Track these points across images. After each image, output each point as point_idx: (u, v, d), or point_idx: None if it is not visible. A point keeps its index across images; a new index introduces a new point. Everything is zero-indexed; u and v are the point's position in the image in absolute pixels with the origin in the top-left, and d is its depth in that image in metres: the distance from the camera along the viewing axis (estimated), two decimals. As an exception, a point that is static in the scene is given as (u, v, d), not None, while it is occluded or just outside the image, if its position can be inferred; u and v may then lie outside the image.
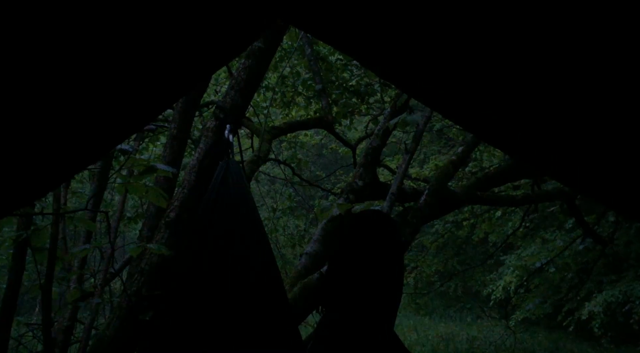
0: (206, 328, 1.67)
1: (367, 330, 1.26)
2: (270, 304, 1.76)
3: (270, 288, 1.80)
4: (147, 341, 1.85)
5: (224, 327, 1.67)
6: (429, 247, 9.47)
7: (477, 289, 14.03)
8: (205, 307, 1.71)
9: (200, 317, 1.69)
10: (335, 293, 1.31)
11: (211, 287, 1.75)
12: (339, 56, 6.31)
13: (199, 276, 1.78)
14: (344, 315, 1.28)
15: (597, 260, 6.87)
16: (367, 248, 1.30)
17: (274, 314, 1.75)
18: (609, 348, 10.30)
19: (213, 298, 1.72)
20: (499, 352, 9.82)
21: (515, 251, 11.18)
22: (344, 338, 1.26)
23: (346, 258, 1.31)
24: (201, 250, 1.84)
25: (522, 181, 6.22)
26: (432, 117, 3.43)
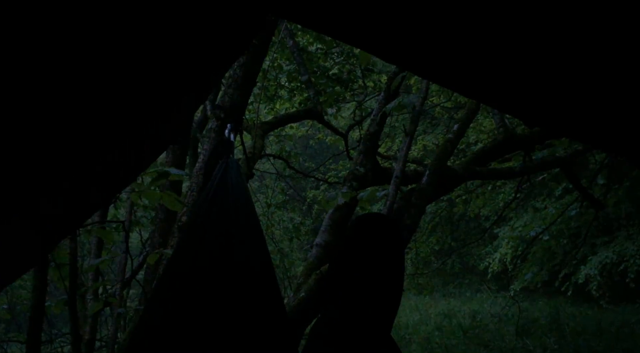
0: (199, 329, 1.66)
1: (365, 330, 1.28)
2: (266, 305, 1.76)
3: (267, 289, 1.80)
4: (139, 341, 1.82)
5: (218, 327, 1.66)
6: (426, 227, 9.55)
7: (474, 263, 14.21)
8: (200, 307, 1.69)
9: (193, 317, 1.68)
10: (336, 293, 1.33)
11: (206, 287, 1.73)
12: (319, 46, 6.30)
13: (193, 275, 1.77)
14: (343, 314, 1.29)
15: (591, 223, 6.98)
16: (368, 250, 1.32)
17: (268, 315, 1.75)
18: (608, 308, 10.52)
19: (207, 297, 1.71)
20: (502, 322, 9.98)
21: (508, 223, 11.33)
22: (341, 337, 1.27)
23: (348, 260, 1.33)
24: (197, 249, 1.83)
25: (511, 154, 6.30)
26: (427, 98, 3.46)
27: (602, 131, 1.37)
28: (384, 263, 1.32)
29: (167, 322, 1.70)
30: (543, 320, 9.82)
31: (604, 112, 1.25)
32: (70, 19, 0.84)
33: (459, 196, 7.97)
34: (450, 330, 10.14)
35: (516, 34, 1.00)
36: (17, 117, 0.87)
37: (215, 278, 1.76)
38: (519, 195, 9.30)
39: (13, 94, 0.84)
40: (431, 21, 0.98)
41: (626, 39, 0.98)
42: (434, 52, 1.10)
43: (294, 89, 6.61)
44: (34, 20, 0.79)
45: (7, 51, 0.79)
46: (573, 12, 0.92)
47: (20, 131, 0.89)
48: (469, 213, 9.50)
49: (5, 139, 0.87)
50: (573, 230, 9.99)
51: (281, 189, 8.40)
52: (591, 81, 1.13)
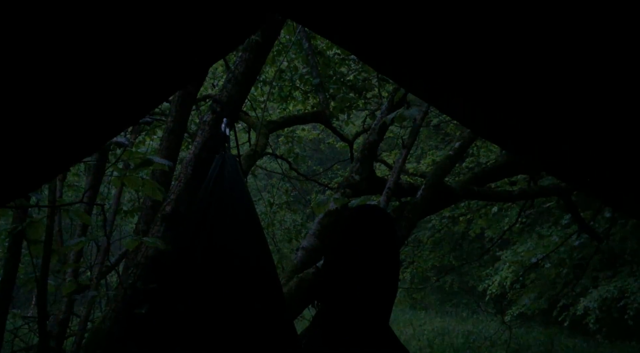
0: (199, 327, 1.64)
1: (363, 323, 1.26)
2: (266, 302, 1.74)
3: (266, 285, 1.78)
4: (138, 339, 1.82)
5: (218, 325, 1.65)
6: (426, 242, 9.49)
7: (473, 284, 14.08)
8: (199, 304, 1.68)
9: (193, 314, 1.66)
10: (332, 287, 1.31)
11: (205, 284, 1.72)
12: (337, 51, 6.29)
13: (192, 272, 1.76)
14: (340, 309, 1.28)
15: (592, 256, 6.89)
16: (363, 242, 1.30)
17: (269, 312, 1.72)
18: (604, 343, 10.37)
19: (207, 295, 1.69)
20: (495, 346, 9.87)
21: (511, 247, 11.22)
22: (340, 332, 1.26)
23: (343, 253, 1.31)
24: (195, 245, 1.82)
25: (518, 177, 6.24)
26: (429, 112, 3.43)
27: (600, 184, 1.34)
28: (379, 255, 1.31)
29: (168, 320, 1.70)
30: (536, 348, 9.71)
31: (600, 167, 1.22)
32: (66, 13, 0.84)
33: (462, 214, 7.90)
34: (442, 349, 10.07)
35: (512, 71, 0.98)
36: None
37: (215, 275, 1.75)
38: (524, 220, 9.21)
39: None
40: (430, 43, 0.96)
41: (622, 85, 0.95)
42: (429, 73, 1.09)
43: (307, 91, 6.61)
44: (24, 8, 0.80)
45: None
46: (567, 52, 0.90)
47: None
48: (470, 232, 9.41)
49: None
50: (576, 260, 9.86)
51: (285, 190, 8.40)
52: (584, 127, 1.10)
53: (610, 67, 0.91)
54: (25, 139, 1.02)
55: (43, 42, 0.86)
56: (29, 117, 0.98)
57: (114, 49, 0.95)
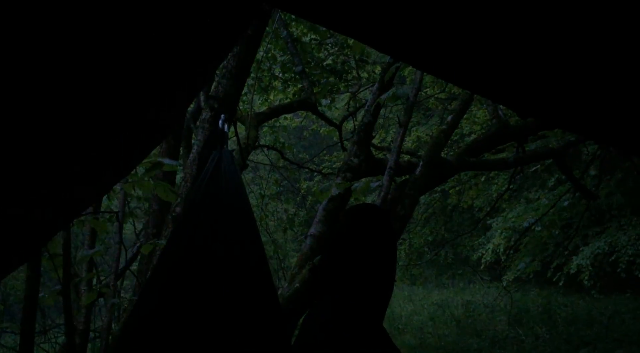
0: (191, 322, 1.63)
1: (357, 320, 1.28)
2: (259, 301, 1.74)
3: (259, 281, 1.78)
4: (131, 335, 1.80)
5: (209, 321, 1.64)
6: (420, 218, 9.59)
7: (467, 254, 14.29)
8: (191, 300, 1.67)
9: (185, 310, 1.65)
10: (328, 283, 1.33)
11: (198, 279, 1.70)
12: (313, 36, 6.28)
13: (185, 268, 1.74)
14: (335, 305, 1.30)
15: (583, 214, 7.03)
16: (360, 240, 1.32)
17: (262, 312, 1.72)
18: (599, 298, 10.63)
19: (199, 290, 1.68)
20: (494, 312, 10.07)
21: (501, 214, 11.38)
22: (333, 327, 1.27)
23: (340, 251, 1.33)
24: (189, 241, 1.80)
25: (504, 145, 6.33)
26: (421, 89, 3.46)
27: (595, 122, 1.38)
28: (376, 253, 1.33)
29: (159, 316, 1.68)
30: (535, 310, 9.92)
31: (597, 103, 1.26)
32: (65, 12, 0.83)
33: (452, 187, 8.00)
34: (443, 320, 10.23)
35: (510, 25, 1.00)
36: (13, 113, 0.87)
37: (208, 271, 1.73)
38: (512, 186, 9.34)
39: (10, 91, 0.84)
40: (425, 11, 0.97)
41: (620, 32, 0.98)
42: (427, 42, 1.10)
43: (287, 80, 6.59)
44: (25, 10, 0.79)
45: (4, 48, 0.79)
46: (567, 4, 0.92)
47: (17, 125, 0.88)
48: (462, 204, 9.54)
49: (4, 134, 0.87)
50: (565, 220, 10.06)
51: (275, 181, 8.40)
52: (585, 72, 1.13)
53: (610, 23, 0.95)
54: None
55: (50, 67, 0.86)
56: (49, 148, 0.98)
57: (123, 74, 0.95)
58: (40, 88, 0.88)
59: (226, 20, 1.10)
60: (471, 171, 6.97)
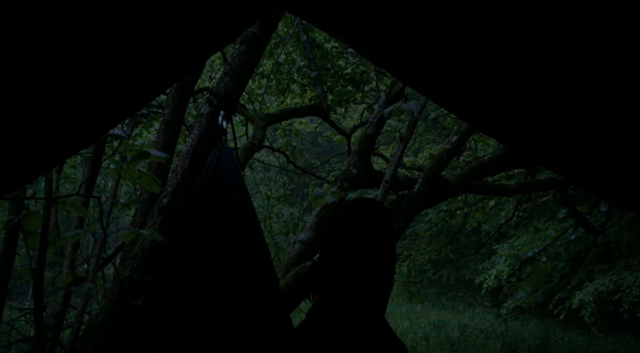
0: (194, 325, 1.62)
1: (359, 317, 1.27)
2: (263, 295, 1.72)
3: (263, 278, 1.76)
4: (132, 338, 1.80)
5: (213, 324, 1.63)
6: (423, 235, 9.51)
7: (470, 277, 14.14)
8: (194, 302, 1.66)
9: (187, 313, 1.64)
10: (327, 280, 1.31)
11: (200, 281, 1.70)
12: (335, 44, 6.27)
13: (188, 266, 1.74)
14: (336, 303, 1.28)
15: (588, 250, 6.92)
16: (359, 236, 1.30)
17: (266, 306, 1.71)
18: (599, 336, 10.44)
19: (202, 292, 1.67)
20: (490, 339, 9.93)
21: (507, 240, 11.26)
22: (335, 325, 1.26)
23: (339, 246, 1.31)
24: (191, 239, 1.80)
25: (515, 171, 6.25)
26: (427, 106, 3.43)
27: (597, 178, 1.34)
28: (375, 249, 1.31)
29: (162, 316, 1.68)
30: (531, 341, 9.76)
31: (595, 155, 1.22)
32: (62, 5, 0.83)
33: (459, 208, 7.92)
34: (438, 341, 10.11)
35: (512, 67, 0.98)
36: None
37: (211, 268, 1.73)
38: (521, 214, 9.24)
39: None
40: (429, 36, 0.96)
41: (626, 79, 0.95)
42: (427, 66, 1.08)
43: (306, 84, 6.59)
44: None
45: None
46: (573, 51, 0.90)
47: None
48: (467, 226, 9.44)
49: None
50: (572, 254, 9.90)
51: (283, 183, 8.39)
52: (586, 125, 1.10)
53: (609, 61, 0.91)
54: (22, 131, 1.01)
55: (38, 34, 0.86)
56: (25, 109, 0.98)
57: (109, 40, 0.95)
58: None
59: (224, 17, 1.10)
60: (479, 195, 6.90)
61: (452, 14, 0.89)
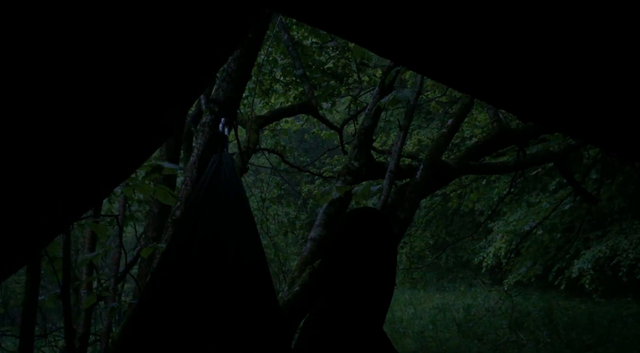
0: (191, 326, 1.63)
1: (357, 324, 1.28)
2: (259, 302, 1.74)
3: (259, 285, 1.78)
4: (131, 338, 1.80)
5: (210, 324, 1.64)
6: (420, 222, 9.57)
7: (468, 258, 14.26)
8: (192, 303, 1.67)
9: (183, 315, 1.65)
10: (328, 288, 1.33)
11: (198, 283, 1.70)
12: (314, 39, 6.28)
13: (185, 272, 1.74)
14: (336, 310, 1.29)
15: (584, 218, 7.02)
16: (360, 246, 1.31)
17: (261, 312, 1.73)
18: (601, 302, 10.59)
19: (199, 297, 1.68)
20: (495, 316, 10.04)
21: (502, 217, 11.37)
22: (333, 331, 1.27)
23: (339, 255, 1.32)
24: (189, 245, 1.80)
25: (505, 149, 6.32)
26: (421, 92, 3.46)
27: (595, 126, 1.38)
28: (375, 257, 1.32)
29: (159, 319, 1.68)
30: (536, 314, 9.89)
31: (597, 108, 1.26)
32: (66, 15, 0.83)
33: (453, 190, 7.98)
34: (444, 324, 10.20)
35: (511, 29, 1.00)
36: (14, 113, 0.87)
37: (208, 275, 1.73)
38: (514, 190, 9.33)
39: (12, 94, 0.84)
40: (425, 14, 0.97)
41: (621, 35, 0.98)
42: (427, 46, 1.10)
43: (289, 83, 6.59)
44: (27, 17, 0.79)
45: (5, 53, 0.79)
46: (568, 8, 0.92)
47: (20, 128, 0.88)
48: (463, 207, 9.53)
49: (5, 135, 0.86)
50: (566, 224, 10.04)
51: (276, 184, 8.39)
52: (585, 77, 1.13)
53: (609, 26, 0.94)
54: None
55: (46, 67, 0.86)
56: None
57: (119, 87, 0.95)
58: (41, 89, 0.88)
59: (227, 23, 1.11)
60: (472, 175, 6.97)
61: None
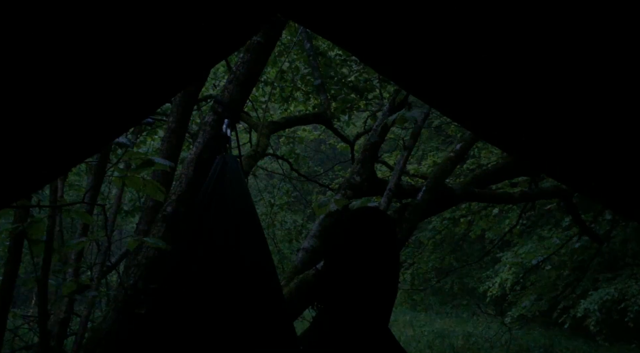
0: (198, 328, 1.64)
1: (363, 326, 1.27)
2: (266, 303, 1.74)
3: (266, 286, 1.78)
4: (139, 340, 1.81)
5: (217, 327, 1.64)
6: (426, 243, 9.48)
7: (473, 286, 14.08)
8: (198, 306, 1.68)
9: (192, 316, 1.66)
10: (332, 289, 1.31)
11: (204, 285, 1.71)
12: (338, 52, 6.30)
13: (191, 274, 1.75)
14: (340, 311, 1.28)
15: (593, 258, 6.88)
16: (363, 245, 1.30)
17: (269, 313, 1.72)
18: (604, 345, 10.36)
19: (206, 296, 1.69)
20: (495, 348, 9.87)
21: (511, 249, 11.21)
22: (339, 334, 1.26)
23: (342, 255, 1.31)
24: (195, 246, 1.81)
25: (519, 179, 6.24)
26: (430, 113, 3.43)
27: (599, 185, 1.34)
28: (379, 258, 1.31)
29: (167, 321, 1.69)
30: (536, 350, 9.71)
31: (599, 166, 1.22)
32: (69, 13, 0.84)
33: (463, 216, 7.90)
34: (442, 350, 10.07)
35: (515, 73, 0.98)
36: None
37: (214, 275, 1.74)
38: (525, 222, 9.21)
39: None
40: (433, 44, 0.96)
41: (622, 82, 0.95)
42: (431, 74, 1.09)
43: (309, 92, 6.61)
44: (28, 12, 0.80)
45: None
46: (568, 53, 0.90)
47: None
48: (471, 234, 9.41)
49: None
50: (576, 262, 9.85)
51: (286, 191, 8.39)
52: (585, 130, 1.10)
53: (611, 69, 0.92)
54: (28, 140, 1.02)
55: (45, 42, 0.86)
56: (31, 118, 0.98)
57: (115, 49, 0.95)
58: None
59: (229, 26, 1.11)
60: (483, 203, 6.89)
61: (456, 24, 0.90)
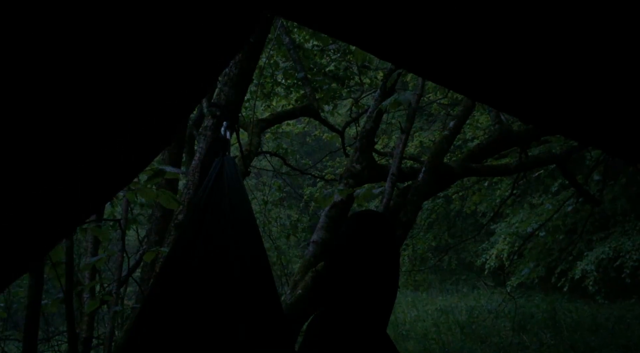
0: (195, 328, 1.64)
1: (361, 327, 1.28)
2: (262, 304, 1.75)
3: (262, 288, 1.79)
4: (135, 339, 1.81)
5: (213, 326, 1.65)
6: (423, 224, 9.57)
7: (471, 260, 14.24)
8: (194, 306, 1.68)
9: (188, 316, 1.66)
10: (332, 292, 1.33)
11: (202, 286, 1.71)
12: (315, 43, 6.30)
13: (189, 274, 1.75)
14: (340, 312, 1.30)
15: (587, 219, 7.01)
16: (363, 248, 1.32)
17: (265, 314, 1.73)
18: (604, 303, 10.56)
19: (203, 296, 1.69)
20: (499, 318, 10.01)
21: (504, 219, 11.35)
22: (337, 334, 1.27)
23: (343, 258, 1.33)
24: (192, 248, 1.81)
25: (507, 151, 6.31)
26: (423, 95, 3.46)
27: (597, 129, 1.38)
28: (378, 260, 1.33)
29: (163, 321, 1.69)
30: (539, 316, 9.86)
31: (599, 110, 1.25)
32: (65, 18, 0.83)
33: (455, 192, 7.99)
34: (447, 326, 10.18)
35: (511, 31, 1.00)
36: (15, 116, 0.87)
37: (211, 277, 1.74)
38: (516, 191, 9.32)
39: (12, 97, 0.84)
40: (425, 17, 0.98)
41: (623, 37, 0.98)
42: (428, 49, 1.10)
43: (290, 86, 6.61)
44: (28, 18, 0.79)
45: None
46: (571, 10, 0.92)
47: (22, 132, 0.88)
48: (466, 209, 9.52)
49: (5, 140, 0.86)
50: (569, 226, 10.03)
51: (278, 187, 8.40)
52: (587, 78, 1.13)
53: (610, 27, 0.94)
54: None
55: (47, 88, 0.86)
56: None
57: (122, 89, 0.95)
58: (43, 94, 0.88)
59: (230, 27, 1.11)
60: (474, 177, 6.96)
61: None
